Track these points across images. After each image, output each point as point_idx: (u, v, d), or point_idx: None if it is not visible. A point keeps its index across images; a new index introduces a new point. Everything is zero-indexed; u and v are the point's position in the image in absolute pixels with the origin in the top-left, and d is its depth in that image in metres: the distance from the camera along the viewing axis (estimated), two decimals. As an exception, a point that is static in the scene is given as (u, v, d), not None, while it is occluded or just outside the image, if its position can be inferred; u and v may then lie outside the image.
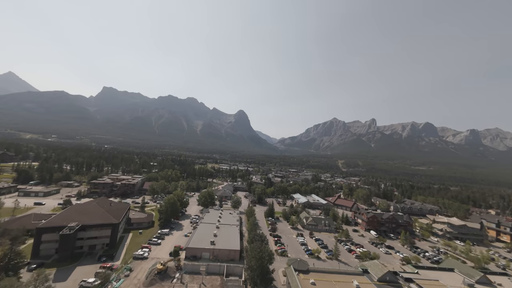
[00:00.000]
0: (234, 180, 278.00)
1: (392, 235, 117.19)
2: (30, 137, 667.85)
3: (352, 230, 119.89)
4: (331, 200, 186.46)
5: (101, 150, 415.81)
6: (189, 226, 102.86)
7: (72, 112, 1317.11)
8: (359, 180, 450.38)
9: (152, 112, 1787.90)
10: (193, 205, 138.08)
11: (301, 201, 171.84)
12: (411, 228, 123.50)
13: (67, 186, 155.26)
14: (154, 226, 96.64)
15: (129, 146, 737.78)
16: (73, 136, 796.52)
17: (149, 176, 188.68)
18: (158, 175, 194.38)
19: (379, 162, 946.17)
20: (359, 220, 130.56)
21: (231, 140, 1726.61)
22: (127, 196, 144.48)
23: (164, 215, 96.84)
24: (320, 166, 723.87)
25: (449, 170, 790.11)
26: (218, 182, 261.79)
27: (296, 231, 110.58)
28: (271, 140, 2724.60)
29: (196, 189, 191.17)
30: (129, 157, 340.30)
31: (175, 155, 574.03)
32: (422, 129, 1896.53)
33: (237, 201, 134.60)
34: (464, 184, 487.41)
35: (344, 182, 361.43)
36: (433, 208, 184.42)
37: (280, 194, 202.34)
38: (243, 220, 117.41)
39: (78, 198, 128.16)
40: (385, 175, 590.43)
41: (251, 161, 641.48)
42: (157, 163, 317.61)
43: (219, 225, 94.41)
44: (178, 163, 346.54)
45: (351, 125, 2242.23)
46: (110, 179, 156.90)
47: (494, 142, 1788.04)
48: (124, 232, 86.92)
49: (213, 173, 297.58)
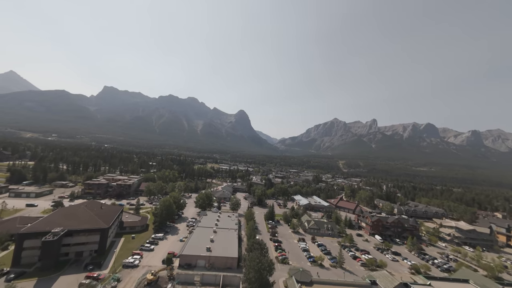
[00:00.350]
0: (233, 181, 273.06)
1: (398, 240, 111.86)
2: (31, 136, 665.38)
3: (356, 234, 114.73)
4: (333, 202, 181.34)
5: (100, 150, 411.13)
6: (185, 230, 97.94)
7: (72, 111, 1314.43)
8: (360, 181, 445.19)
9: (153, 112, 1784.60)
10: (190, 207, 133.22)
11: (302, 203, 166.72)
12: (417, 233, 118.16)
13: (61, 186, 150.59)
14: (148, 230, 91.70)
15: (130, 145, 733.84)
16: (73, 135, 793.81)
17: (146, 177, 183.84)
18: (156, 175, 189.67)
19: (380, 163, 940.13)
20: (363, 224, 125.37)
21: (231, 140, 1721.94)
22: (123, 197, 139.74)
23: (159, 219, 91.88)
24: (321, 166, 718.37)
25: (451, 171, 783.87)
26: (217, 182, 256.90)
27: (297, 235, 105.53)
28: (271, 140, 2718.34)
29: (194, 190, 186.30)
30: (128, 156, 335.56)
31: (175, 154, 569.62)
32: (424, 130, 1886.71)
33: (236, 203, 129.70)
34: (466, 186, 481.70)
35: (346, 183, 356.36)
36: (438, 211, 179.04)
37: (280, 195, 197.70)
38: (242, 224, 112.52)
39: (71, 199, 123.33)
40: (386, 176, 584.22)
41: (251, 161, 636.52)
42: (156, 163, 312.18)
43: (216, 229, 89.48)
44: (177, 163, 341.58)
45: (352, 125, 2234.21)
46: (105, 179, 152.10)
47: (495, 143, 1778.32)
48: (115, 237, 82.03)
49: (212, 174, 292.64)
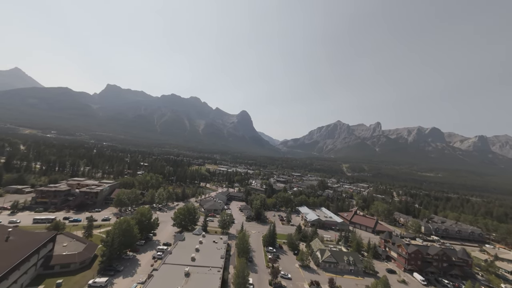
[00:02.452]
0: (230, 186, 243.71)
1: (446, 281, 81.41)
2: (29, 132, 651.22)
3: (386, 270, 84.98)
4: (347, 216, 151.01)
5: (85, 147, 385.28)
6: (150, 264, 69.12)
7: (75, 109, 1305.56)
8: (367, 186, 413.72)
9: (155, 111, 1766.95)
10: (168, 224, 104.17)
11: (310, 218, 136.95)
12: (470, 270, 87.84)
13: (15, 192, 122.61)
14: (91, 268, 62.97)
15: (129, 144, 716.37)
16: (73, 133, 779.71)
17: (123, 181, 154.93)
18: (135, 180, 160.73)
19: (385, 167, 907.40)
20: (392, 253, 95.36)
21: (233, 140, 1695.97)
22: (86, 208, 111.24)
23: (109, 250, 62.91)
24: (324, 170, 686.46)
25: (459, 178, 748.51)
26: (212, 188, 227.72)
27: (308, 273, 76.10)
28: (273, 141, 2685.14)
29: (181, 198, 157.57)
30: (116, 156, 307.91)
31: (173, 154, 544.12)
32: (429, 134, 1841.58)
33: (227, 222, 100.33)
34: (477, 194, 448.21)
35: (353, 190, 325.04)
36: (474, 231, 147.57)
37: (283, 205, 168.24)
38: (232, 252, 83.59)
39: (13, 212, 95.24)
40: (393, 181, 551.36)
41: (252, 163, 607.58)
42: (149, 163, 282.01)
43: (190, 269, 60.57)
44: (172, 163, 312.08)
45: (356, 128, 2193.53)
46: (68, 184, 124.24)
47: (503, 149, 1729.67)
48: (32, 284, 53.49)
49: (207, 177, 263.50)
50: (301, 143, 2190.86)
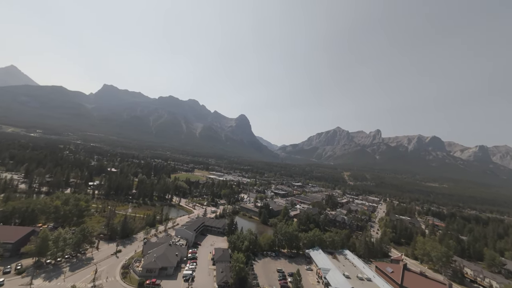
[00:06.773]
0: (214, 203, 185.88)
1: None
2: (11, 130, 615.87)
3: None
4: (392, 274, 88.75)
5: (62, 148, 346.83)
6: None
7: (68, 108, 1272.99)
8: (378, 200, 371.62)
9: (151, 112, 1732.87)
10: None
11: (331, 278, 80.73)
12: None
13: None
14: None
15: (120, 145, 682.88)
16: (61, 132, 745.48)
17: (11, 206, 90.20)
18: (32, 203, 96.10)
19: (387, 175, 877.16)
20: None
21: (230, 144, 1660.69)
22: None
23: None
24: (325, 178, 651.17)
25: (466, 190, 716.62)
26: (186, 208, 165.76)
27: None
28: (272, 146, 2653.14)
29: (120, 234, 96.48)
30: (78, 159, 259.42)
31: (162, 157, 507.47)
32: (429, 142, 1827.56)
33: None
34: (491, 208, 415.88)
35: (368, 206, 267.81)
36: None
37: (285, 244, 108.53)
38: None
39: None
40: (399, 192, 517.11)
41: (248, 169, 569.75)
42: (119, 169, 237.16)
43: None
44: (148, 169, 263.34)
45: (355, 135, 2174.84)
46: None
47: (504, 160, 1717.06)
48: None
49: (185, 190, 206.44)
50: (300, 149, 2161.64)
